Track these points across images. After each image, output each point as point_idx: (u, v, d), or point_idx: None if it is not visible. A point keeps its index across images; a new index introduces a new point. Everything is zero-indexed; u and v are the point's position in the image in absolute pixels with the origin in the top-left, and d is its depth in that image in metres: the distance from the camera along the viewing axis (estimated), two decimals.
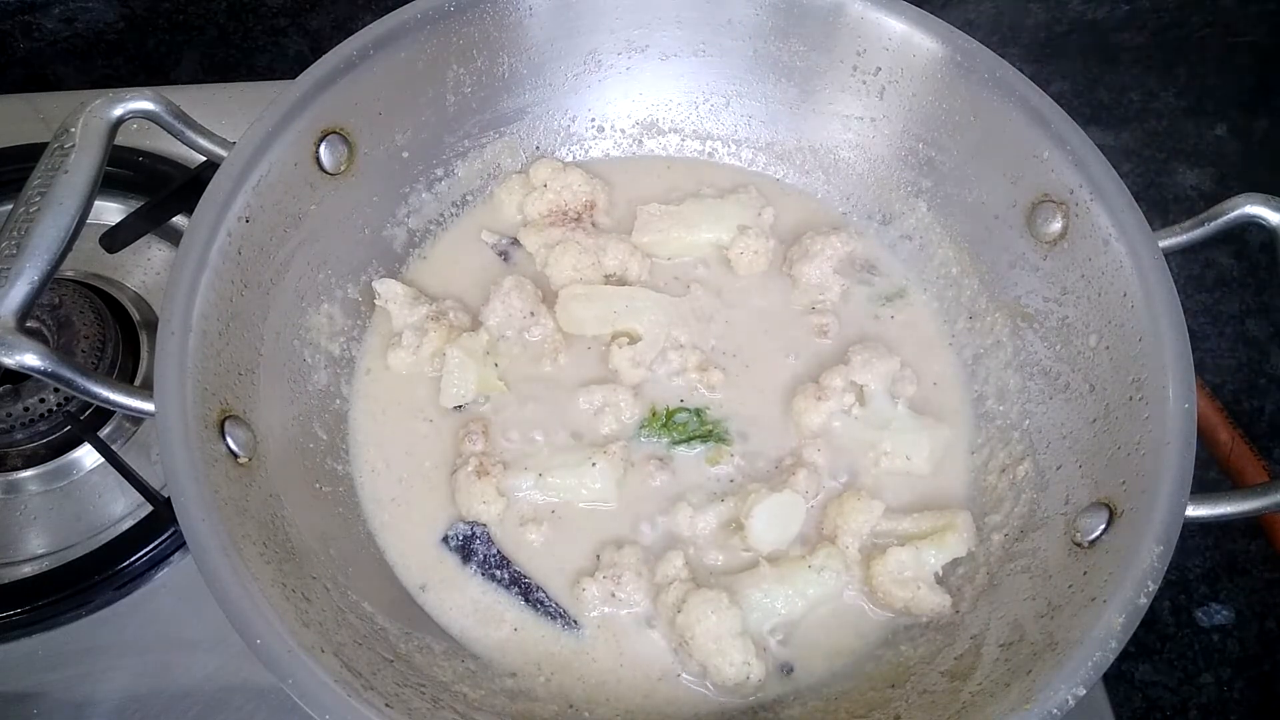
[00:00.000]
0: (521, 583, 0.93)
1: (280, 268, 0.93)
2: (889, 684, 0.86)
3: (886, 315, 1.09)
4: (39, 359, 0.74)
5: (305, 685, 0.70)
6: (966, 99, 1.00)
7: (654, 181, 1.17)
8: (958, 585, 0.92)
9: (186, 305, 0.81)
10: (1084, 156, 0.92)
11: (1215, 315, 1.53)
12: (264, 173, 0.89)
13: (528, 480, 0.96)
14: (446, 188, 1.11)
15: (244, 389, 0.87)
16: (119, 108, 0.86)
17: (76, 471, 1.04)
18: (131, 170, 1.17)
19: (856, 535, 0.92)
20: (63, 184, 0.80)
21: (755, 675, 0.86)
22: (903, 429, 0.99)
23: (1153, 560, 0.76)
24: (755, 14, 1.06)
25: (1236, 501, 0.80)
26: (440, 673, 0.85)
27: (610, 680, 0.89)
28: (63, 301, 1.06)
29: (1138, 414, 0.84)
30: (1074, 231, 0.93)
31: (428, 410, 1.01)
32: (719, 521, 0.95)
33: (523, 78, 1.09)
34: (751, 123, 1.16)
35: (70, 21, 1.40)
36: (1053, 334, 0.97)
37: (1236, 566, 1.41)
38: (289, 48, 1.50)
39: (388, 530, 0.95)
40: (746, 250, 1.09)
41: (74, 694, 0.93)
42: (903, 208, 1.11)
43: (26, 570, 0.98)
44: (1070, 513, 0.87)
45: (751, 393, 1.03)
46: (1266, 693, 1.35)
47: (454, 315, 1.04)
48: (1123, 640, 0.73)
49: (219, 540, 0.73)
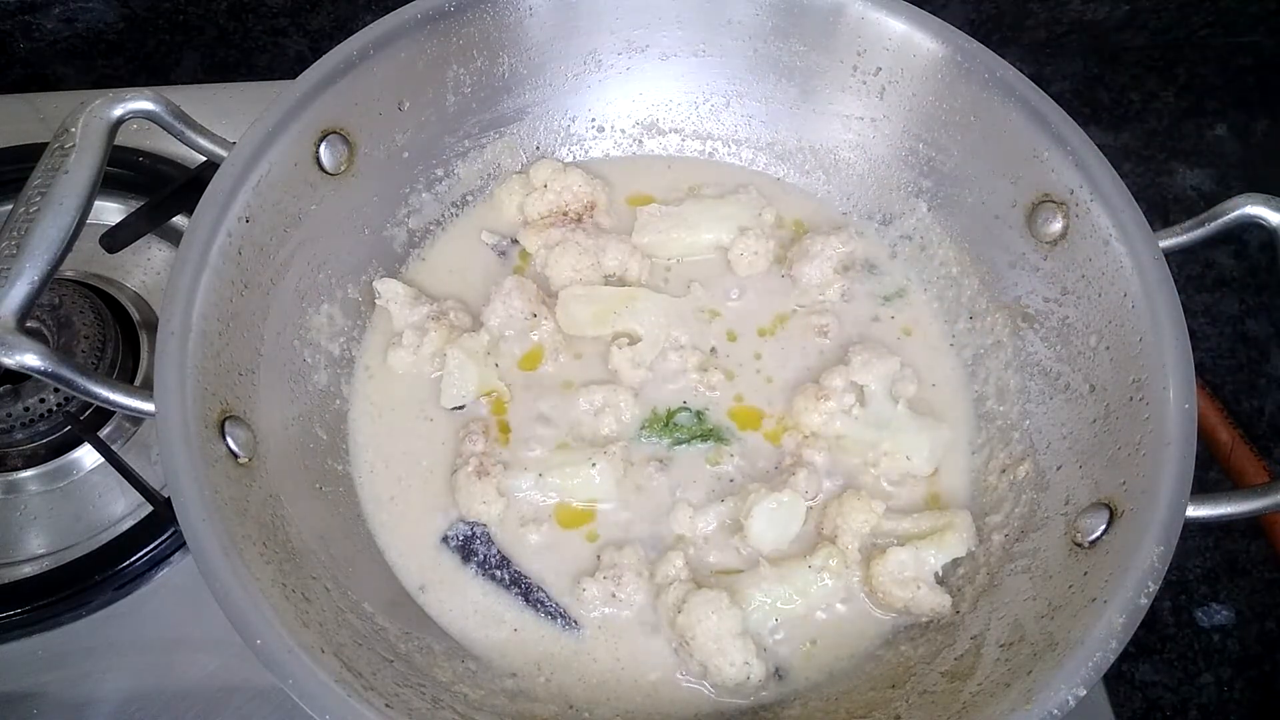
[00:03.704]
0: (522, 583, 0.93)
1: (280, 268, 0.93)
2: (889, 684, 0.86)
3: (886, 315, 1.09)
4: (39, 359, 0.74)
5: (305, 685, 0.70)
6: (966, 99, 1.00)
7: (654, 181, 1.17)
8: (958, 585, 0.92)
9: (186, 305, 0.81)
10: (1084, 156, 0.92)
11: (1215, 315, 1.53)
12: (264, 173, 0.89)
13: (528, 480, 0.96)
14: (446, 188, 1.11)
15: (244, 389, 0.87)
16: (119, 108, 0.86)
17: (76, 471, 1.04)
18: (131, 170, 1.18)
19: (856, 535, 0.92)
20: (63, 184, 0.80)
21: (755, 675, 0.86)
22: (903, 429, 0.99)
23: (1153, 560, 0.76)
24: (755, 14, 1.06)
25: (1236, 501, 0.80)
26: (440, 673, 0.85)
27: (610, 680, 0.89)
28: (63, 301, 1.06)
29: (1138, 414, 0.84)
30: (1074, 231, 0.93)
31: (428, 410, 1.01)
32: (719, 521, 0.95)
33: (523, 78, 1.09)
34: (751, 123, 1.16)
35: (70, 21, 1.40)
36: (1053, 334, 0.97)
37: (1236, 566, 1.41)
38: (289, 48, 1.49)
39: (388, 530, 0.95)
40: (746, 250, 1.09)
41: (74, 694, 0.93)
42: (903, 208, 1.11)
43: (26, 570, 0.98)
44: (1070, 513, 0.87)
45: (752, 393, 1.03)
46: (1266, 693, 1.35)
47: (454, 315, 1.04)
48: (1123, 640, 0.73)
49: (219, 540, 0.73)
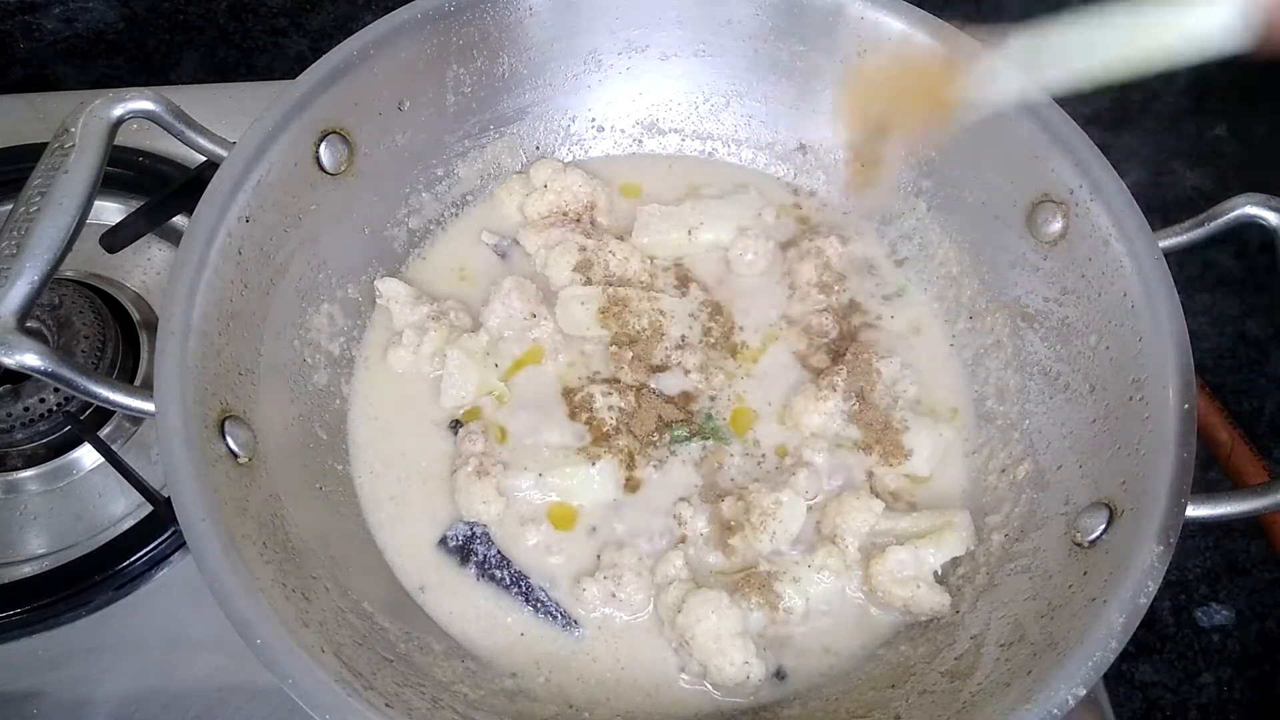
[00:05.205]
0: (521, 583, 0.93)
1: (280, 268, 0.93)
2: (889, 684, 0.86)
3: (887, 315, 1.09)
4: (39, 359, 0.74)
5: (305, 685, 0.70)
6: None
7: (654, 181, 1.17)
8: (958, 585, 0.92)
9: (186, 305, 0.81)
10: (1084, 156, 0.92)
11: (1215, 315, 1.53)
12: (264, 173, 0.89)
13: (528, 480, 0.96)
14: (446, 188, 1.11)
15: (244, 389, 0.87)
16: (119, 108, 0.86)
17: (76, 471, 1.04)
18: (131, 170, 1.17)
19: (856, 535, 0.92)
20: (63, 184, 0.80)
21: (755, 675, 0.86)
22: (903, 429, 0.99)
23: (1153, 560, 0.76)
24: (755, 14, 1.06)
25: (1236, 501, 0.80)
26: (440, 673, 0.85)
27: (610, 680, 0.89)
28: (63, 301, 1.06)
29: (1138, 414, 0.84)
30: (1074, 231, 0.93)
31: (428, 410, 1.01)
32: (719, 521, 0.95)
33: (523, 78, 1.09)
34: (751, 123, 1.16)
35: (70, 21, 1.40)
36: (1053, 334, 0.97)
37: (1236, 566, 1.41)
38: (289, 48, 1.49)
39: (387, 530, 0.95)
40: (746, 250, 1.09)
41: (74, 694, 0.93)
42: (903, 208, 1.11)
43: (26, 570, 0.98)
44: (1070, 513, 0.87)
45: (752, 393, 1.03)
46: (1266, 693, 1.35)
47: (455, 315, 1.04)
48: (1123, 640, 0.73)
49: (219, 540, 0.73)
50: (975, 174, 1.03)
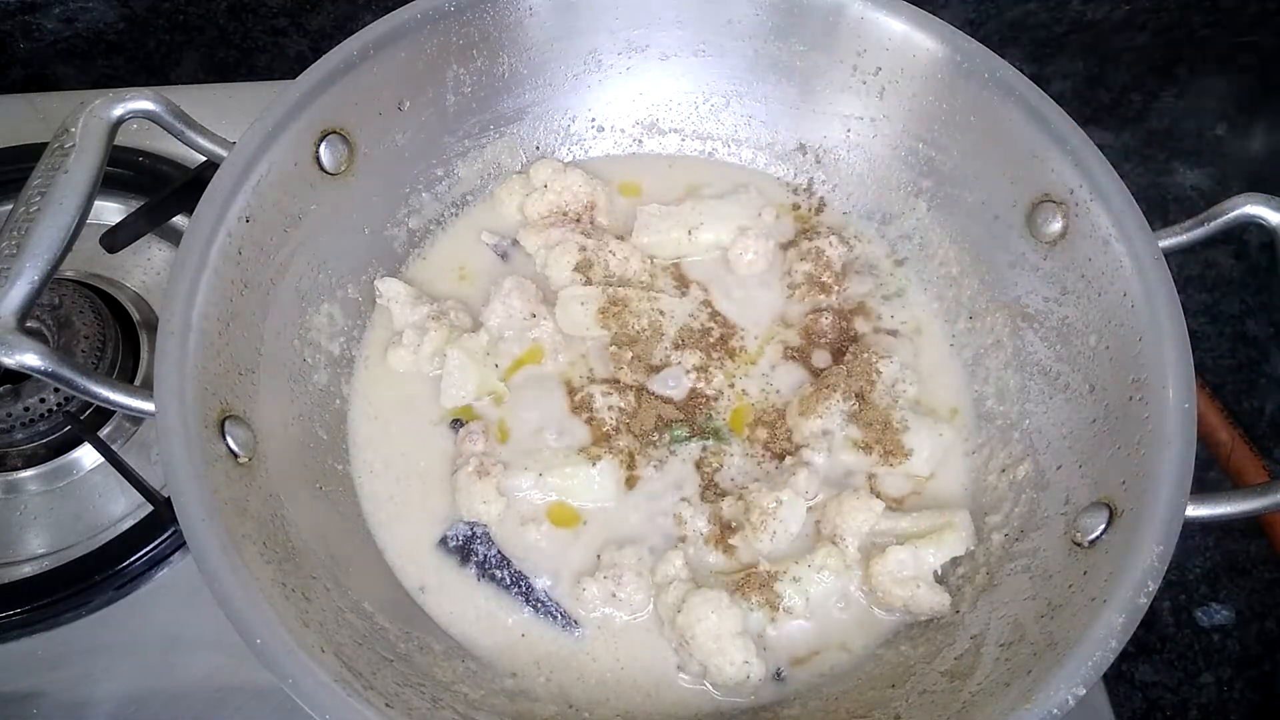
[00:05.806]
0: (522, 583, 0.93)
1: (280, 268, 0.93)
2: (889, 684, 0.86)
3: (887, 315, 1.09)
4: (39, 359, 0.74)
5: (305, 685, 0.70)
6: (966, 99, 1.00)
7: (654, 181, 1.17)
8: (958, 585, 0.92)
9: (186, 305, 0.81)
10: (1084, 156, 0.92)
11: (1215, 315, 1.53)
12: (264, 173, 0.89)
13: (528, 480, 0.96)
14: (446, 188, 1.11)
15: (244, 389, 0.87)
16: (119, 108, 0.86)
17: (76, 471, 1.04)
18: (131, 170, 1.18)
19: (856, 535, 0.92)
20: (63, 184, 0.80)
21: (755, 674, 0.86)
22: (903, 429, 0.99)
23: (1153, 560, 0.76)
24: (755, 14, 1.06)
25: (1236, 501, 0.80)
26: (440, 672, 0.85)
27: (610, 680, 0.89)
28: (63, 301, 1.06)
29: (1138, 414, 0.84)
30: (1074, 231, 0.93)
31: (428, 410, 1.01)
32: (719, 521, 0.95)
33: (523, 78, 1.09)
34: (751, 123, 1.16)
35: (70, 21, 1.40)
36: (1053, 334, 0.97)
37: (1236, 566, 1.41)
38: (289, 48, 1.49)
39: (387, 530, 0.95)
40: (746, 250, 1.09)
41: (74, 694, 0.93)
42: (903, 208, 1.11)
43: (26, 570, 0.98)
44: (1070, 513, 0.87)
45: (752, 393, 1.03)
46: (1266, 693, 1.35)
47: (455, 315, 1.04)
48: (1123, 640, 0.73)
49: (219, 540, 0.73)
50: (975, 174, 1.03)
